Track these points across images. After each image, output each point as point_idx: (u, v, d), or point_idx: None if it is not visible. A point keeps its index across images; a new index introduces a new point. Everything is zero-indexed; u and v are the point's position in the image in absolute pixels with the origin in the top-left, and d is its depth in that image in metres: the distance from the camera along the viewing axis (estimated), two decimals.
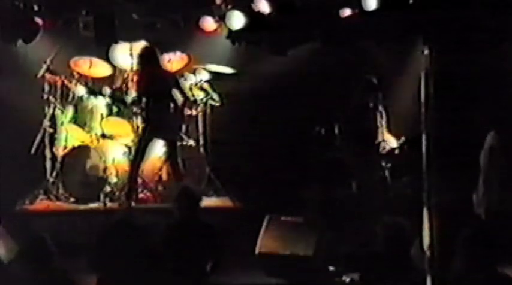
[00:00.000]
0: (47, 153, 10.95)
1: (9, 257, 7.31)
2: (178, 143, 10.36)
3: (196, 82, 11.03)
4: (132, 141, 10.55)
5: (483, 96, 10.27)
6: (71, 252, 7.74)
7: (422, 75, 7.38)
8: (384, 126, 10.01)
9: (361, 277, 7.20)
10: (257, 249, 8.65)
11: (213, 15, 10.32)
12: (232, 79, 11.20)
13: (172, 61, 11.04)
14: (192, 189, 8.63)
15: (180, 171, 10.13)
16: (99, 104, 10.86)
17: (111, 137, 10.86)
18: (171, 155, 10.14)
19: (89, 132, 10.87)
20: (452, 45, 8.81)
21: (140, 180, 10.46)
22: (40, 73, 10.73)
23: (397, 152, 9.86)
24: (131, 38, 10.60)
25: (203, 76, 11.07)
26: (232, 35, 9.81)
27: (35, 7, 9.79)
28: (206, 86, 11.13)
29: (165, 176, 10.58)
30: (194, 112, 11.09)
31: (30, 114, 10.99)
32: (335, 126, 9.98)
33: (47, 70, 10.75)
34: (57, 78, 10.91)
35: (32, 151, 10.85)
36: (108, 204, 10.36)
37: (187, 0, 10.23)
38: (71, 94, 11.03)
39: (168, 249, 7.77)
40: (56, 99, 10.98)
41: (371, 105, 9.93)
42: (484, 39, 8.99)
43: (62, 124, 10.94)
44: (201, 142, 11.20)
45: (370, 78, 9.94)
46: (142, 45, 10.22)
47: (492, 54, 9.77)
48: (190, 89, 10.76)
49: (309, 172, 10.30)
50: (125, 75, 11.06)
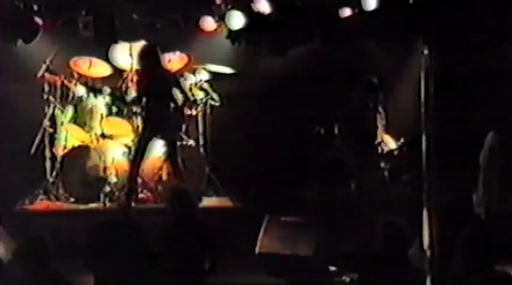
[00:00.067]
0: (47, 153, 10.95)
1: (9, 257, 7.31)
2: (178, 143, 10.36)
3: (196, 82, 11.02)
4: (132, 140, 10.55)
5: (483, 96, 10.26)
6: (70, 252, 7.74)
7: (422, 75, 7.38)
8: (383, 127, 10.00)
9: (360, 277, 7.21)
10: (257, 249, 8.64)
11: (213, 15, 10.32)
12: (232, 79, 11.19)
13: (172, 61, 11.02)
14: (186, 190, 8.64)
15: (180, 171, 10.13)
16: (99, 104, 10.86)
17: (111, 137, 10.85)
18: (170, 155, 10.13)
19: (88, 131, 10.86)
20: (452, 45, 8.81)
21: (140, 180, 10.46)
22: (40, 73, 10.73)
23: (396, 153, 9.85)
24: (131, 38, 10.58)
25: (203, 76, 11.07)
26: (232, 35, 9.81)
27: (35, 7, 9.78)
28: (206, 86, 11.12)
29: (165, 176, 10.57)
30: (194, 112, 11.08)
31: (30, 114, 10.98)
32: (335, 126, 9.97)
33: (47, 70, 10.74)
34: (57, 78, 10.90)
35: (32, 151, 10.84)
36: (108, 204, 10.36)
37: (187, 0, 10.22)
38: (71, 94, 11.03)
39: (165, 249, 7.77)
40: (55, 99, 10.97)
41: (371, 105, 9.92)
42: (484, 39, 9.00)
43: (61, 124, 10.94)
44: (201, 142, 11.20)
45: (370, 78, 9.93)
46: (144, 44, 10.21)
47: (492, 54, 9.76)
48: (190, 89, 10.74)
49: (309, 172, 10.29)
50: (125, 75, 11.06)
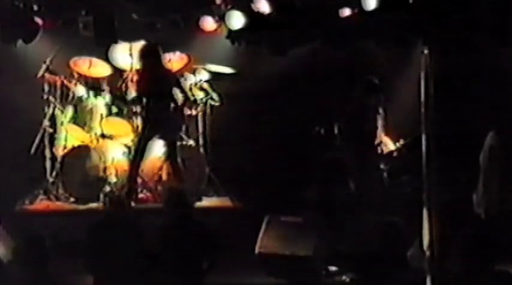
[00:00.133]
0: (47, 153, 10.95)
1: (9, 257, 7.32)
2: (178, 143, 10.36)
3: (196, 82, 11.02)
4: (132, 140, 10.55)
5: (483, 96, 10.26)
6: (70, 253, 7.75)
7: (422, 75, 7.39)
8: (383, 128, 10.00)
9: (360, 277, 7.21)
10: (257, 249, 8.64)
11: (213, 15, 10.31)
12: (232, 79, 11.19)
13: (172, 61, 11.02)
14: (182, 190, 8.65)
15: (180, 171, 10.13)
16: (99, 104, 10.86)
17: (111, 137, 10.85)
18: (170, 155, 10.13)
19: (88, 131, 10.86)
20: (452, 45, 8.81)
21: (140, 180, 10.46)
22: (40, 73, 10.73)
23: (395, 154, 9.85)
24: (131, 38, 10.58)
25: (203, 76, 11.07)
26: (232, 35, 9.80)
27: (35, 7, 9.77)
28: (206, 86, 11.12)
29: (165, 176, 10.57)
30: (194, 112, 11.08)
31: (30, 114, 10.98)
32: (335, 126, 9.97)
33: (47, 70, 10.75)
34: (57, 78, 10.90)
35: (32, 151, 10.84)
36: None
37: (187, 0, 10.22)
38: (71, 94, 11.03)
39: (163, 249, 7.77)
40: (55, 99, 10.97)
41: (371, 105, 9.92)
42: (484, 39, 8.99)
43: (61, 124, 10.94)
44: (201, 142, 11.20)
45: (371, 79, 9.92)
46: (145, 43, 10.20)
47: (492, 54, 9.76)
48: (190, 89, 10.74)
49: (309, 172, 10.29)
50: (125, 75, 11.06)
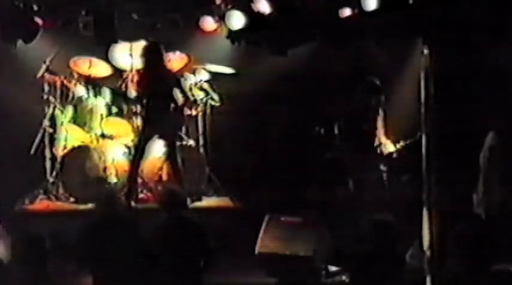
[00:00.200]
0: (47, 153, 10.95)
1: (9, 257, 7.31)
2: (178, 143, 10.36)
3: (196, 82, 11.02)
4: (132, 140, 10.55)
5: (483, 96, 10.25)
6: (70, 253, 7.74)
7: (422, 75, 7.39)
8: (382, 129, 9.99)
9: (360, 276, 7.21)
10: (257, 249, 8.64)
11: (213, 15, 10.31)
12: (232, 79, 11.19)
13: (172, 61, 11.01)
14: (176, 191, 8.67)
15: (180, 171, 10.12)
16: (99, 104, 10.86)
17: (111, 137, 10.85)
18: (170, 155, 10.13)
19: (88, 132, 10.86)
20: (452, 45, 8.81)
21: (140, 180, 10.46)
22: (40, 73, 10.73)
23: (395, 156, 9.85)
24: (131, 38, 10.58)
25: (203, 76, 11.07)
26: (232, 35, 9.80)
27: (35, 7, 9.76)
28: (206, 86, 11.12)
29: (165, 176, 10.57)
30: (194, 112, 11.08)
31: (30, 114, 10.98)
32: (335, 126, 9.97)
33: (47, 70, 10.75)
34: (57, 78, 10.91)
35: (31, 151, 10.84)
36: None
37: (187, 0, 10.22)
38: (71, 94, 11.03)
39: (161, 249, 7.76)
40: (55, 99, 10.97)
41: (372, 105, 9.91)
42: (484, 39, 8.99)
43: (61, 124, 10.93)
44: (201, 142, 11.20)
45: (373, 80, 9.91)
46: (148, 42, 10.19)
47: (492, 54, 9.76)
48: (190, 89, 10.74)
49: (309, 172, 10.29)
50: (125, 75, 11.06)
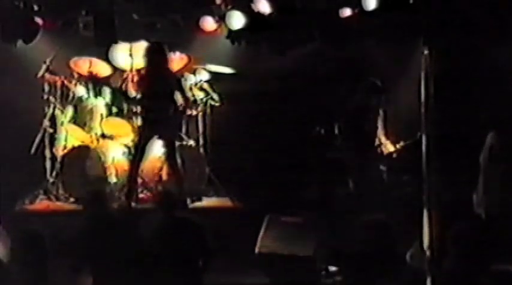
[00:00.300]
0: (47, 153, 10.94)
1: (9, 257, 7.31)
2: (178, 143, 10.36)
3: (196, 83, 11.02)
4: (132, 140, 10.55)
5: (483, 96, 10.26)
6: (70, 252, 7.74)
7: (422, 75, 7.38)
8: (382, 129, 10.00)
9: (359, 276, 7.20)
10: (257, 249, 8.65)
11: (213, 15, 10.30)
12: (232, 79, 11.19)
13: (172, 61, 11.01)
14: (171, 192, 8.69)
15: (179, 171, 10.10)
16: (99, 104, 10.87)
17: (111, 137, 10.85)
18: (169, 155, 10.12)
19: (88, 132, 10.86)
20: (452, 45, 8.82)
21: (140, 180, 10.46)
22: (40, 73, 10.73)
23: (395, 156, 9.85)
24: (131, 38, 10.58)
25: (203, 76, 11.07)
26: (232, 35, 9.81)
27: (35, 7, 9.76)
28: (206, 86, 11.12)
29: (165, 176, 10.57)
30: (194, 112, 11.08)
31: (30, 114, 10.98)
32: (335, 126, 9.97)
33: (47, 70, 10.74)
34: (57, 78, 10.90)
35: (32, 151, 10.84)
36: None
37: (187, 0, 10.22)
38: (71, 94, 11.03)
39: (159, 249, 7.77)
40: (56, 99, 10.97)
41: (372, 105, 9.92)
42: (484, 39, 9.00)
43: (62, 124, 10.93)
44: (201, 142, 11.20)
45: (374, 80, 9.92)
46: (153, 42, 10.18)
47: (492, 54, 9.77)
48: (190, 89, 10.74)
49: (309, 172, 10.29)
50: (125, 75, 11.06)
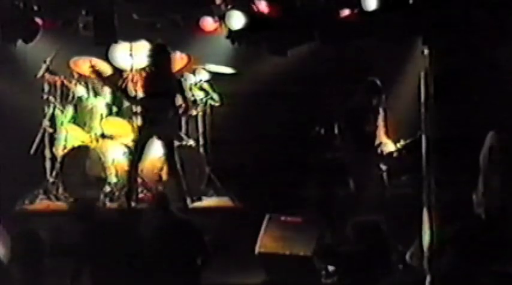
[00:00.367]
0: (47, 153, 10.94)
1: (9, 257, 7.32)
2: (178, 143, 10.35)
3: (196, 82, 11.03)
4: (132, 140, 10.54)
5: (483, 96, 10.26)
6: (70, 252, 7.75)
7: (422, 75, 7.39)
8: (382, 129, 10.00)
9: (359, 276, 7.21)
10: (257, 249, 8.65)
11: (213, 15, 10.30)
12: (232, 79, 11.20)
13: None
14: (165, 194, 8.72)
15: (178, 171, 10.07)
16: (99, 104, 10.87)
17: (111, 137, 10.85)
18: (168, 155, 10.11)
19: (88, 132, 10.86)
20: (452, 45, 8.82)
21: (140, 180, 10.46)
22: (40, 73, 10.73)
23: (395, 155, 9.85)
24: (131, 38, 10.59)
25: (203, 76, 11.07)
26: (232, 35, 9.81)
27: (35, 7, 9.76)
28: (206, 86, 11.12)
29: (165, 176, 10.57)
30: (194, 112, 11.08)
31: (30, 114, 10.98)
32: (335, 126, 9.97)
33: (47, 70, 10.74)
34: (57, 78, 10.90)
35: (31, 151, 10.84)
36: (108, 204, 10.36)
37: (187, 0, 10.21)
38: (71, 94, 11.03)
39: (158, 250, 7.77)
40: (55, 99, 10.97)
41: (372, 105, 9.92)
42: (484, 39, 8.99)
43: (61, 124, 10.93)
44: (201, 142, 11.20)
45: (374, 80, 9.92)
46: (157, 43, 10.16)
47: (492, 54, 9.77)
48: (190, 89, 10.75)
49: (309, 172, 10.30)
50: (125, 75, 11.06)
